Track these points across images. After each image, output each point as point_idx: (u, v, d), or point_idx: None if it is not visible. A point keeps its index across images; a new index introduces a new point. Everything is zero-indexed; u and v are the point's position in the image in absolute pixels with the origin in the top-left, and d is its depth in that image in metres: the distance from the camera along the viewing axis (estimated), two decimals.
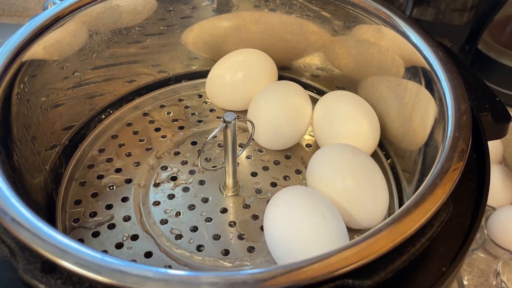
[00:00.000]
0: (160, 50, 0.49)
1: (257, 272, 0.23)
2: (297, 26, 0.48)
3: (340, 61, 0.47)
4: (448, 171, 0.28)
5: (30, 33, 0.37)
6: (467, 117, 0.31)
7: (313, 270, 0.23)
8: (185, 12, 0.48)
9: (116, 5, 0.44)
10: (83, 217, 0.39)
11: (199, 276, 0.23)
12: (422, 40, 0.38)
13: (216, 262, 0.36)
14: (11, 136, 0.34)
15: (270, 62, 0.49)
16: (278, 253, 0.33)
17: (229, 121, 0.35)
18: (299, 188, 0.36)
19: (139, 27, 0.46)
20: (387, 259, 0.25)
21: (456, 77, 0.34)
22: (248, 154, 0.45)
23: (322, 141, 0.44)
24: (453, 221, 0.30)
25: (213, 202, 0.40)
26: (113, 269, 0.23)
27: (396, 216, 0.26)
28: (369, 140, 0.42)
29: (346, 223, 0.35)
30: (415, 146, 0.38)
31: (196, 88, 0.52)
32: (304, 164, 0.44)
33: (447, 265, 0.28)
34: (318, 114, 0.44)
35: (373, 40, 0.43)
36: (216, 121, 0.48)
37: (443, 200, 0.27)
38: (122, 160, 0.44)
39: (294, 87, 0.45)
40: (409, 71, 0.39)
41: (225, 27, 0.50)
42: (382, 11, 0.41)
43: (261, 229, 0.38)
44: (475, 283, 0.51)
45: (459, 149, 0.29)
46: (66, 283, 0.23)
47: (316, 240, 0.31)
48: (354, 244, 0.24)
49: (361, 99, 0.44)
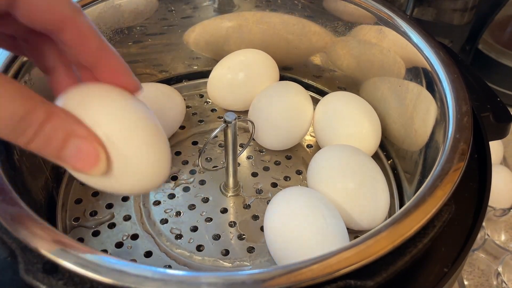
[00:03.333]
0: (162, 50, 0.49)
1: (257, 272, 0.23)
2: (299, 26, 0.48)
3: (341, 61, 0.47)
4: (449, 173, 0.28)
5: None
6: (468, 118, 0.31)
7: (313, 271, 0.23)
8: (186, 12, 0.48)
9: (118, 5, 0.44)
10: (83, 216, 0.39)
11: (198, 276, 0.23)
12: (423, 41, 0.38)
13: (216, 262, 0.36)
14: None
15: (271, 62, 0.49)
16: (278, 253, 0.33)
17: (229, 121, 0.35)
18: (299, 189, 0.36)
19: (141, 26, 0.46)
20: (389, 260, 0.25)
21: (458, 78, 0.34)
22: (248, 154, 0.45)
23: (323, 142, 0.44)
24: (454, 221, 0.29)
25: (213, 202, 0.40)
26: (112, 269, 0.23)
27: (396, 217, 0.26)
28: (370, 141, 0.42)
29: (346, 224, 0.35)
30: (416, 147, 0.38)
31: (198, 88, 0.52)
32: (305, 165, 0.44)
33: (448, 265, 0.28)
34: (319, 115, 0.44)
35: (375, 41, 0.43)
36: (217, 121, 0.48)
37: (444, 201, 0.27)
38: None
39: (295, 87, 0.45)
40: (411, 72, 0.39)
41: (226, 27, 0.50)
42: (384, 11, 0.41)
43: (261, 230, 0.38)
44: (476, 283, 0.51)
45: (460, 150, 0.29)
46: (67, 284, 0.23)
47: (316, 241, 0.31)
48: (353, 245, 0.24)
49: (362, 100, 0.44)
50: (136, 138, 0.24)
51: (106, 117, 0.24)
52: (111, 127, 0.24)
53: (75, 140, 0.23)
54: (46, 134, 0.22)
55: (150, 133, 0.25)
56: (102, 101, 0.24)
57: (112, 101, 0.24)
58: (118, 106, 0.24)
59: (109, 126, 0.23)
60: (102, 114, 0.24)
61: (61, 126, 0.23)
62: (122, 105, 0.25)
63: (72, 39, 0.24)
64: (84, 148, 0.23)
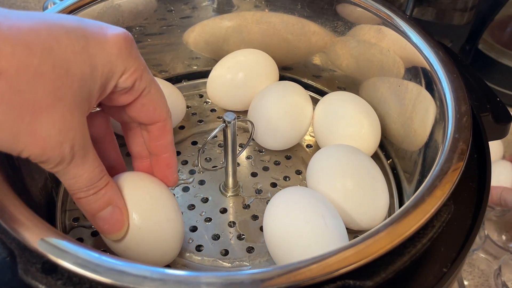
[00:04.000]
0: (161, 50, 0.49)
1: (256, 272, 0.23)
2: (299, 26, 0.48)
3: (341, 61, 0.47)
4: (448, 172, 0.28)
5: None
6: (467, 118, 0.31)
7: (312, 271, 0.23)
8: (185, 12, 0.48)
9: (118, 5, 0.44)
10: (82, 217, 0.38)
11: (197, 276, 0.23)
12: (423, 40, 0.38)
13: (215, 262, 0.36)
14: None
15: (271, 62, 0.49)
16: (277, 253, 0.33)
17: (229, 121, 0.35)
18: (299, 189, 0.36)
19: (140, 26, 0.46)
20: (388, 260, 0.25)
21: (457, 78, 0.34)
22: (248, 154, 0.45)
23: (323, 142, 0.44)
24: (454, 221, 0.29)
25: (213, 202, 0.40)
26: (111, 269, 0.23)
27: (395, 217, 0.26)
28: (370, 141, 0.42)
29: (346, 224, 0.35)
30: (416, 147, 0.38)
31: (197, 88, 0.52)
32: (304, 165, 0.44)
33: (448, 265, 0.28)
34: (319, 115, 0.44)
35: (374, 41, 0.43)
36: (216, 121, 0.48)
37: (443, 201, 0.27)
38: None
39: (295, 87, 0.45)
40: (410, 72, 0.39)
41: (226, 27, 0.50)
42: (383, 11, 0.41)
43: (260, 230, 0.38)
44: (476, 283, 0.51)
45: (459, 150, 0.29)
46: (66, 284, 0.23)
47: (315, 241, 0.31)
48: (352, 245, 0.24)
49: (362, 100, 0.44)
50: (152, 221, 0.31)
51: (136, 201, 0.31)
52: (136, 208, 0.31)
53: (112, 207, 0.29)
54: (98, 196, 0.28)
55: (166, 219, 0.32)
56: (138, 188, 0.32)
57: (145, 191, 0.32)
58: (148, 195, 0.32)
59: (135, 208, 0.31)
60: (135, 198, 0.31)
61: (109, 194, 0.29)
62: (151, 195, 0.32)
63: (156, 132, 0.31)
64: (115, 216, 0.30)
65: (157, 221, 0.32)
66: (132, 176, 0.33)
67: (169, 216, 0.32)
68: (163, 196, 0.33)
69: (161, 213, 0.32)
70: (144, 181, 0.33)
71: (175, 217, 0.33)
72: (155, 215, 0.32)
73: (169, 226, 0.32)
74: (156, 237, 0.31)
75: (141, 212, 0.31)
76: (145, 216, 0.31)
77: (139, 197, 0.32)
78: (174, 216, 0.33)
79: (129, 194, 0.31)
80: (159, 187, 0.33)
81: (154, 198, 0.32)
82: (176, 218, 0.33)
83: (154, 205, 0.32)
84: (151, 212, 0.32)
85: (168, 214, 0.32)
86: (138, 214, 0.31)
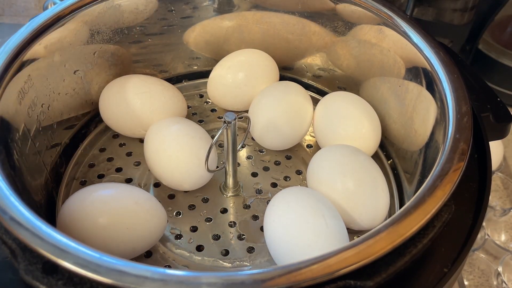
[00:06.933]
0: (162, 50, 0.49)
1: (256, 272, 0.23)
2: (299, 26, 0.48)
3: (341, 61, 0.47)
4: (448, 173, 0.28)
5: (30, 33, 0.37)
6: (468, 118, 0.31)
7: (312, 271, 0.23)
8: (186, 12, 0.48)
9: (118, 5, 0.44)
10: None
11: (197, 276, 0.23)
12: (423, 41, 0.38)
13: (216, 262, 0.36)
14: (12, 135, 0.34)
15: (271, 62, 0.49)
16: (278, 253, 0.33)
17: (229, 121, 0.35)
18: (299, 189, 0.36)
19: (140, 26, 0.46)
20: (389, 260, 0.25)
21: (457, 78, 0.34)
22: (248, 154, 0.45)
23: (323, 142, 0.44)
24: (454, 221, 0.29)
25: (213, 202, 0.40)
26: (112, 269, 0.23)
27: (395, 217, 0.26)
28: (370, 141, 0.42)
29: (346, 224, 0.35)
30: (416, 147, 0.38)
31: (198, 88, 0.52)
32: (304, 165, 0.44)
33: (448, 265, 0.28)
34: (319, 115, 0.44)
35: (375, 41, 0.43)
36: (217, 121, 0.48)
37: (443, 201, 0.27)
38: (123, 160, 0.44)
39: (295, 87, 0.45)
40: (411, 72, 0.39)
41: (226, 27, 0.50)
42: (384, 11, 0.41)
43: (261, 230, 0.38)
44: (476, 283, 0.51)
45: (460, 150, 0.29)
46: (67, 284, 0.23)
47: (316, 241, 0.31)
48: (353, 245, 0.24)
49: (362, 100, 0.44)
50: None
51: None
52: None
53: None
54: None
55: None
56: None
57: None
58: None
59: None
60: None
61: None
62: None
63: None
64: None
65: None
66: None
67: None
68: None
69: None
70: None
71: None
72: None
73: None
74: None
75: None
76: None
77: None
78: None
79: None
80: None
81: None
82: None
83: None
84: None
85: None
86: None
